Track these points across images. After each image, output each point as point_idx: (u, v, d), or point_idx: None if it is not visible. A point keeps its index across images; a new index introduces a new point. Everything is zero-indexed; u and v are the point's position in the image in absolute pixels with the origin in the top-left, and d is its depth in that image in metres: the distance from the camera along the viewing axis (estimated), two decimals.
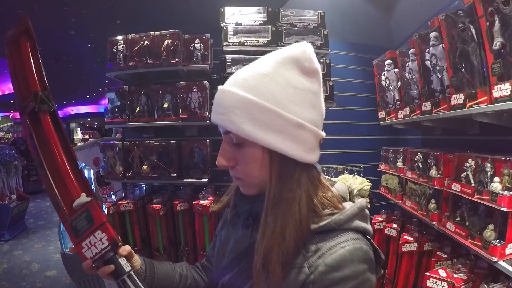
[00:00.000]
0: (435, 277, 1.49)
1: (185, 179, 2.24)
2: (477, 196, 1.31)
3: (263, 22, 2.27)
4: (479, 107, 1.30)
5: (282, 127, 0.64)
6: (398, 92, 2.20)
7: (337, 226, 0.64)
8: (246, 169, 0.69)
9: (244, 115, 0.64)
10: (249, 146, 0.67)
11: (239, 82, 0.67)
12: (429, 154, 1.80)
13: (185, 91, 2.22)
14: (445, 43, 1.55)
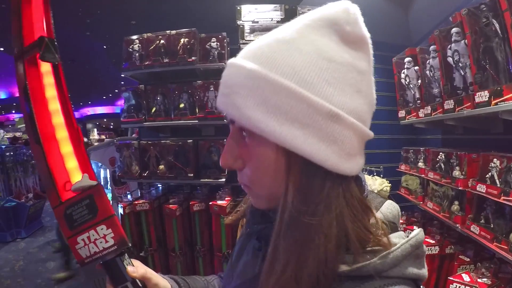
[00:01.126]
0: (458, 282, 1.47)
1: (202, 179, 2.28)
2: (504, 198, 1.29)
3: (280, 20, 2.29)
4: (505, 105, 1.28)
5: (306, 117, 0.44)
6: (418, 90, 2.18)
7: (377, 273, 0.43)
8: (254, 174, 0.51)
9: (252, 97, 0.45)
10: (258, 142, 0.47)
11: (252, 52, 0.48)
12: (452, 154, 1.77)
13: (202, 90, 2.25)
14: (468, 39, 1.53)
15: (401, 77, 2.30)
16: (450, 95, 1.73)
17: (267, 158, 0.47)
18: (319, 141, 0.44)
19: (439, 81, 1.87)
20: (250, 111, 0.44)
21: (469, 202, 1.63)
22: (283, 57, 0.44)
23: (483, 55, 1.44)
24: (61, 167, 0.67)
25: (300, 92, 0.43)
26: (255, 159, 0.49)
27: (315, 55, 0.44)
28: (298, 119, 0.44)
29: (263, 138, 0.45)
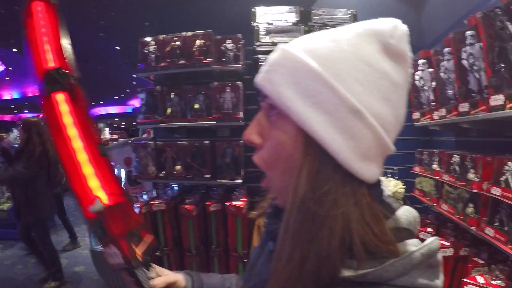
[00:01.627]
0: (473, 284, 1.54)
1: (219, 180, 2.36)
2: None
3: (295, 22, 2.36)
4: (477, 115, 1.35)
5: (330, 105, 0.47)
6: (433, 92, 2.24)
7: (383, 281, 0.43)
8: (269, 154, 0.54)
9: (288, 76, 0.49)
10: (282, 121, 0.51)
11: (298, 42, 0.53)
12: (466, 157, 1.82)
13: (218, 91, 2.33)
14: (483, 42, 1.57)
15: (416, 79, 2.36)
16: (465, 98, 1.79)
17: (286, 138, 0.50)
18: (337, 132, 0.46)
19: (453, 83, 1.93)
20: (282, 88, 0.49)
21: (483, 204, 1.68)
22: (325, 50, 0.49)
23: (498, 59, 1.49)
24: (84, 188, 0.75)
25: (331, 82, 0.46)
26: (274, 137, 0.52)
27: (354, 55, 0.48)
28: (323, 106, 0.47)
29: (288, 118, 0.49)
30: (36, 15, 0.86)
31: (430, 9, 2.93)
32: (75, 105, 0.78)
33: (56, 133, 0.76)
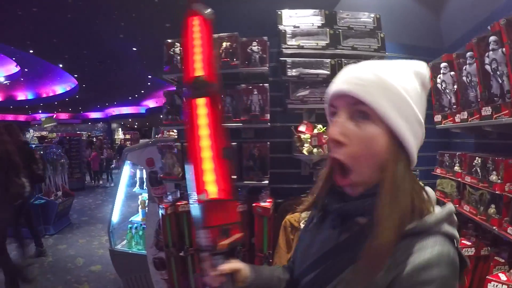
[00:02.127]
0: (496, 281, 1.70)
1: (245, 181, 2.51)
2: None
3: (321, 25, 2.51)
4: None
5: (410, 116, 0.74)
6: (454, 96, 2.40)
7: (426, 229, 0.70)
8: (360, 149, 0.74)
9: (384, 93, 0.73)
10: (371, 124, 0.73)
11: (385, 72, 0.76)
12: (488, 159, 1.95)
13: (245, 93, 2.48)
14: (506, 48, 1.71)
15: (438, 82, 2.52)
16: (488, 102, 1.94)
17: (376, 137, 0.73)
18: (412, 134, 0.74)
19: (475, 87, 2.06)
20: (381, 100, 0.72)
21: (505, 205, 1.81)
22: (398, 78, 0.76)
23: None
24: (199, 179, 0.96)
25: (408, 100, 0.74)
26: (365, 137, 0.73)
27: (414, 87, 0.77)
28: (407, 117, 0.74)
29: (379, 122, 0.73)
30: (193, 27, 1.08)
31: (449, 12, 3.08)
32: (213, 110, 1.00)
33: (190, 130, 1.00)
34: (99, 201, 9.46)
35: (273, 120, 2.59)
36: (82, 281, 3.97)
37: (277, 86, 2.67)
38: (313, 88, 2.54)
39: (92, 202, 9.16)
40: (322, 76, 2.51)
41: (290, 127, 2.58)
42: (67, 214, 6.83)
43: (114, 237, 3.57)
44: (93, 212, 7.94)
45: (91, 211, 7.98)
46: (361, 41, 2.55)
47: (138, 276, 3.27)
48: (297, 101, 2.54)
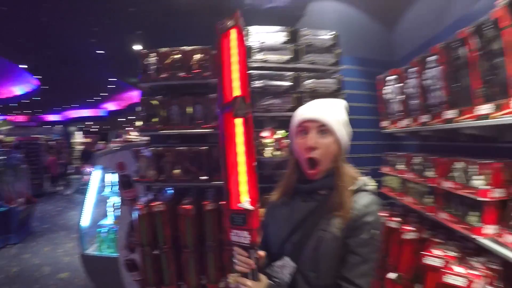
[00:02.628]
0: (429, 255, 2.08)
1: (214, 182, 2.78)
2: (463, 191, 1.94)
3: (285, 41, 2.86)
4: (466, 122, 1.92)
5: (347, 133, 1.34)
6: (400, 104, 2.84)
7: (360, 188, 1.30)
8: (325, 152, 1.29)
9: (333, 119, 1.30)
10: (329, 136, 1.29)
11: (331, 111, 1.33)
12: (426, 158, 2.42)
13: (215, 102, 2.75)
14: (442, 67, 2.15)
15: (385, 93, 2.96)
16: (425, 111, 2.38)
17: (332, 143, 1.29)
18: (347, 141, 1.34)
19: (417, 98, 2.52)
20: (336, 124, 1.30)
21: (439, 196, 2.26)
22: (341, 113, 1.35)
23: (453, 81, 2.06)
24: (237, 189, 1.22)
25: (348, 125, 1.35)
26: (327, 145, 1.28)
27: (344, 116, 1.36)
28: (346, 132, 1.33)
29: (332, 135, 1.29)
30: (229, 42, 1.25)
31: (401, 30, 3.59)
32: (247, 129, 1.22)
33: (229, 146, 1.23)
34: (60, 207, 9.26)
35: None
36: None
37: None
38: (275, 98, 2.89)
39: (53, 209, 8.99)
40: (284, 87, 2.88)
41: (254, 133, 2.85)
42: (29, 222, 6.71)
43: (84, 242, 3.64)
44: (55, 219, 7.83)
45: (53, 218, 7.85)
46: (320, 56, 2.94)
47: (110, 279, 3.38)
48: (261, 110, 2.87)
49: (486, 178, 1.84)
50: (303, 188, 1.35)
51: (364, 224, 1.21)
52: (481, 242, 1.84)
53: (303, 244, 1.26)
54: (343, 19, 3.60)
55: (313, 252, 1.24)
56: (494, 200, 1.83)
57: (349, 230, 1.21)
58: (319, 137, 1.28)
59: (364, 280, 1.19)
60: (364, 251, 1.20)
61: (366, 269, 1.21)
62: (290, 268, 1.28)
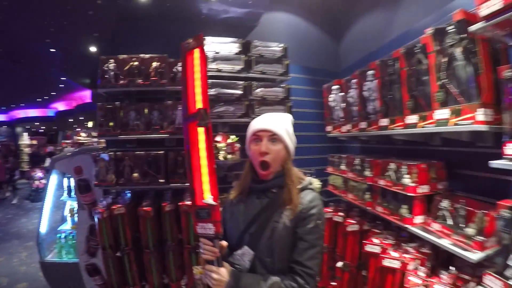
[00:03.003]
0: (369, 243, 2.37)
1: (172, 184, 2.89)
2: (394, 187, 2.20)
3: (238, 52, 3.03)
4: (397, 130, 2.19)
5: (293, 141, 1.57)
6: (342, 111, 3.10)
7: (305, 187, 1.51)
8: (275, 157, 1.49)
9: (283, 129, 1.52)
10: (279, 143, 1.50)
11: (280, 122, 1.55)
12: (364, 160, 2.70)
13: (171, 108, 2.88)
14: (378, 81, 2.45)
15: (330, 100, 3.21)
16: (364, 118, 2.65)
17: (281, 149, 1.50)
18: (293, 147, 1.57)
19: (357, 107, 2.78)
20: (283, 134, 1.51)
21: (375, 192, 2.54)
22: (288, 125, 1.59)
23: (387, 94, 2.35)
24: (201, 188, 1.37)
25: (291, 134, 1.57)
26: (277, 151, 1.49)
27: (291, 127, 1.60)
28: (291, 141, 1.56)
29: (281, 143, 1.50)
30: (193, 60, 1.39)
31: (347, 42, 3.92)
32: (208, 136, 1.36)
33: (193, 151, 1.39)
34: (10, 215, 8.67)
35: None
36: None
37: None
38: (227, 105, 3.07)
39: (2, 217, 8.38)
40: (235, 95, 3.06)
41: None
42: None
43: (44, 249, 3.54)
44: (6, 227, 7.32)
45: (4, 227, 7.33)
46: (270, 67, 3.15)
47: (72, 285, 3.34)
48: (215, 116, 3.04)
49: (413, 176, 2.13)
50: (257, 187, 1.56)
51: (309, 216, 1.41)
52: (412, 230, 2.11)
53: (259, 234, 1.46)
54: (294, 31, 3.87)
55: (268, 241, 1.43)
56: (421, 195, 2.12)
57: (297, 221, 1.42)
58: (270, 144, 1.49)
59: (312, 262, 1.40)
60: (311, 238, 1.41)
61: (314, 253, 1.41)
62: (249, 256, 1.46)
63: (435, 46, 1.86)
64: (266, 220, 1.46)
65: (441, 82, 1.81)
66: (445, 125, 1.75)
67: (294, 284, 1.37)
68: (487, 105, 1.59)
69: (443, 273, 1.95)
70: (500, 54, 1.70)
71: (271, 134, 1.49)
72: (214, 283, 1.36)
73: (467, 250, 1.69)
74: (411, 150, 2.61)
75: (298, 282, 1.38)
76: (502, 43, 1.68)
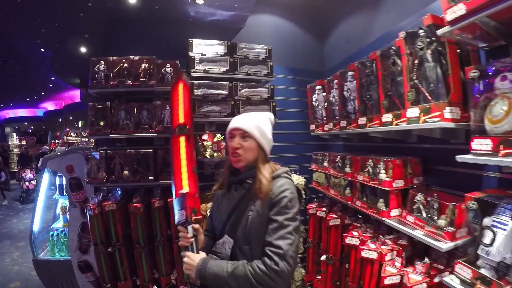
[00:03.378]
0: (350, 236, 2.50)
1: (161, 181, 2.98)
2: (372, 182, 2.32)
3: (223, 54, 3.14)
4: (374, 128, 2.32)
5: (265, 137, 1.71)
6: (324, 111, 3.22)
7: (278, 175, 1.64)
8: (246, 151, 1.66)
9: (254, 128, 1.67)
10: (250, 140, 1.67)
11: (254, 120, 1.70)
12: (345, 157, 2.82)
13: (160, 109, 2.98)
14: (357, 82, 2.57)
15: (313, 100, 3.33)
16: (344, 117, 2.77)
17: (252, 145, 1.67)
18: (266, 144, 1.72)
19: (338, 106, 2.90)
20: (255, 131, 1.68)
21: (355, 188, 2.66)
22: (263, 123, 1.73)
23: (365, 94, 2.47)
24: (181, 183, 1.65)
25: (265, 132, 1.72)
26: (248, 146, 1.66)
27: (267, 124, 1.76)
28: (264, 137, 1.70)
29: (252, 139, 1.67)
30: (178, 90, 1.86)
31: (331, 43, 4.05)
32: (188, 143, 1.74)
33: (175, 155, 1.73)
34: (0, 215, 8.68)
35: None
36: None
37: None
38: (214, 105, 3.18)
39: None
40: (221, 96, 3.17)
41: (195, 136, 3.13)
42: None
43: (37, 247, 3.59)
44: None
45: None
46: (254, 68, 3.27)
47: (65, 282, 3.42)
48: (201, 115, 3.14)
49: (389, 172, 2.26)
50: (233, 180, 1.73)
51: (279, 199, 1.52)
52: (388, 223, 2.23)
53: (237, 223, 1.59)
54: (280, 33, 3.97)
55: (244, 228, 1.55)
56: (396, 189, 2.24)
57: (270, 207, 1.53)
58: (242, 140, 1.68)
59: (282, 242, 1.44)
60: (280, 218, 1.48)
61: (284, 233, 1.46)
62: (229, 244, 1.59)
63: (407, 49, 1.97)
64: (243, 209, 1.60)
65: (412, 82, 1.92)
66: (416, 123, 1.86)
67: (261, 265, 1.41)
68: (454, 104, 1.72)
69: (417, 263, 2.06)
70: (470, 56, 1.83)
71: (242, 132, 1.68)
72: (186, 267, 1.53)
73: (438, 240, 1.79)
74: (390, 148, 2.72)
75: (266, 263, 1.41)
76: (471, 45, 1.81)
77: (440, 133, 1.95)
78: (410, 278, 1.99)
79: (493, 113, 1.42)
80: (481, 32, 1.59)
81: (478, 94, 1.54)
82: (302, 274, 3.45)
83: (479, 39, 1.71)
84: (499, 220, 1.43)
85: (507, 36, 1.60)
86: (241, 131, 1.68)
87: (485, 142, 1.43)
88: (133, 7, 3.12)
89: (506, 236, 1.37)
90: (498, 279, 1.31)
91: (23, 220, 8.01)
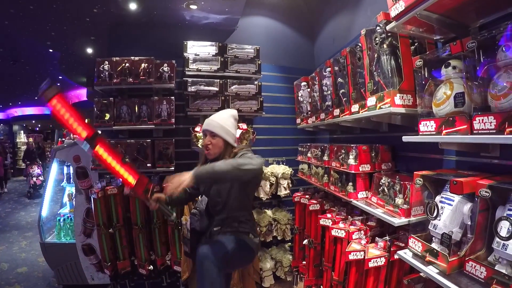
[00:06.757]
0: (323, 217, 2.73)
1: (157, 168, 3.29)
2: (342, 167, 2.60)
3: (215, 54, 3.43)
4: (345, 117, 2.53)
5: (229, 133, 2.26)
6: (309, 105, 3.51)
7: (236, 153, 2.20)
8: (214, 147, 2.21)
9: (219, 127, 2.23)
10: (217, 138, 2.21)
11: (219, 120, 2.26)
12: (325, 148, 3.03)
13: (157, 103, 3.28)
14: (332, 77, 2.78)
15: (299, 95, 3.61)
16: (323, 110, 3.05)
17: (219, 141, 2.23)
18: (230, 139, 2.28)
19: (318, 101, 3.21)
20: (219, 131, 2.24)
21: (331, 174, 2.86)
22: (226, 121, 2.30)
23: (338, 89, 2.68)
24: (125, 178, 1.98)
25: (229, 129, 2.29)
26: (216, 143, 2.23)
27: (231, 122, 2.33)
28: (228, 134, 2.27)
29: (219, 137, 2.23)
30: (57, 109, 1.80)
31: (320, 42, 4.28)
32: (105, 146, 1.90)
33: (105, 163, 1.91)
34: (9, 209, 9.08)
35: (177, 123, 3.49)
36: (12, 282, 4.11)
37: (181, 98, 3.57)
38: (206, 100, 3.49)
39: (2, 211, 8.80)
40: (213, 92, 3.48)
41: (189, 128, 3.47)
42: None
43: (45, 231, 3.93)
44: (5, 220, 7.72)
45: (3, 219, 7.72)
46: (244, 66, 3.56)
47: (69, 264, 3.70)
48: (195, 109, 3.47)
49: (355, 157, 2.47)
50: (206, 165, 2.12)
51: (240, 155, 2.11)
52: (355, 203, 2.43)
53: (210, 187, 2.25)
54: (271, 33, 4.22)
55: (215, 187, 2.21)
56: (363, 173, 2.47)
57: None
58: (211, 138, 2.22)
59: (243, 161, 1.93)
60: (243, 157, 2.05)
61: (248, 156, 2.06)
62: (205, 200, 2.27)
63: (367, 44, 2.18)
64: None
65: (371, 74, 2.13)
66: (374, 110, 2.04)
67: None
68: (406, 92, 1.91)
69: (378, 240, 2.26)
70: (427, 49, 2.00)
71: (211, 132, 2.21)
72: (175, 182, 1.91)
73: (394, 216, 1.97)
74: (367, 138, 2.93)
75: None
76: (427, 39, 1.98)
77: (401, 120, 2.13)
78: (370, 252, 2.19)
79: (437, 97, 1.56)
80: (428, 25, 1.74)
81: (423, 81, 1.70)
82: (289, 260, 3.68)
83: (432, 32, 1.87)
84: (446, 196, 1.56)
85: (455, 28, 1.73)
86: (210, 132, 2.21)
87: (430, 123, 1.57)
88: (134, 12, 3.42)
89: (452, 210, 1.50)
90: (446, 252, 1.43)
91: (31, 213, 8.36)
